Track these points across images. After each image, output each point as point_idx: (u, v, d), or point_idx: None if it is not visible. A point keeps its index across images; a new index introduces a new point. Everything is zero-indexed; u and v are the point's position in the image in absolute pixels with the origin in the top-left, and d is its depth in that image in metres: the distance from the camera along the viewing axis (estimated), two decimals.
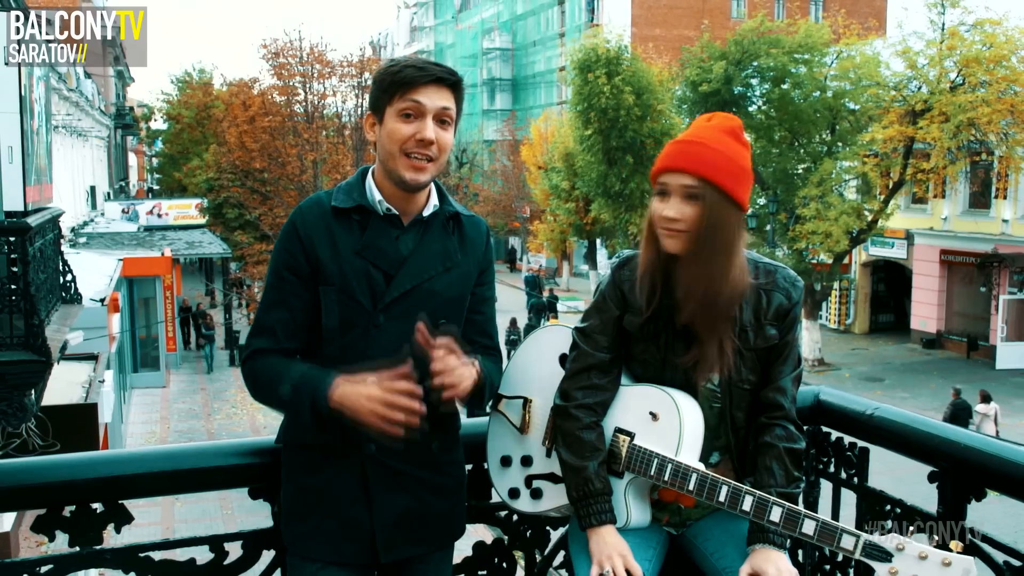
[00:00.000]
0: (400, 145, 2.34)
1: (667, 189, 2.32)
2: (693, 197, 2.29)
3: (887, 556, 2.05)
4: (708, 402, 2.43)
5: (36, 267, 9.68)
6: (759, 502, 2.19)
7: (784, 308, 2.42)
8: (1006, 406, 23.85)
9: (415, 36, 77.56)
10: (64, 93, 24.77)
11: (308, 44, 33.52)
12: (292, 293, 2.39)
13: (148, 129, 62.18)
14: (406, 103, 2.34)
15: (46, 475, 2.46)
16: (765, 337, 2.41)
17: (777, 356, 2.44)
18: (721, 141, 2.32)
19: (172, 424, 24.02)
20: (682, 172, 2.30)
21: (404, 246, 2.41)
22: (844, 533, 2.09)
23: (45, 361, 9.04)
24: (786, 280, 2.44)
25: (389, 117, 2.36)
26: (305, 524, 2.43)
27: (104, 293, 17.89)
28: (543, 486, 2.53)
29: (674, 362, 2.39)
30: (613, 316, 2.46)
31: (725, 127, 2.36)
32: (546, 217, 42.50)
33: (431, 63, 2.41)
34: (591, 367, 2.45)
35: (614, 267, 2.51)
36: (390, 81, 2.36)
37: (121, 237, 30.21)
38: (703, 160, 2.29)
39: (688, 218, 2.29)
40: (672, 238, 2.32)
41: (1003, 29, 24.77)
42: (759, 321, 2.40)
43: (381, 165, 2.42)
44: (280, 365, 2.37)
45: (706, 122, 2.39)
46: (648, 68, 33.02)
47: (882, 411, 2.77)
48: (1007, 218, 27.99)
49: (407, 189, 2.40)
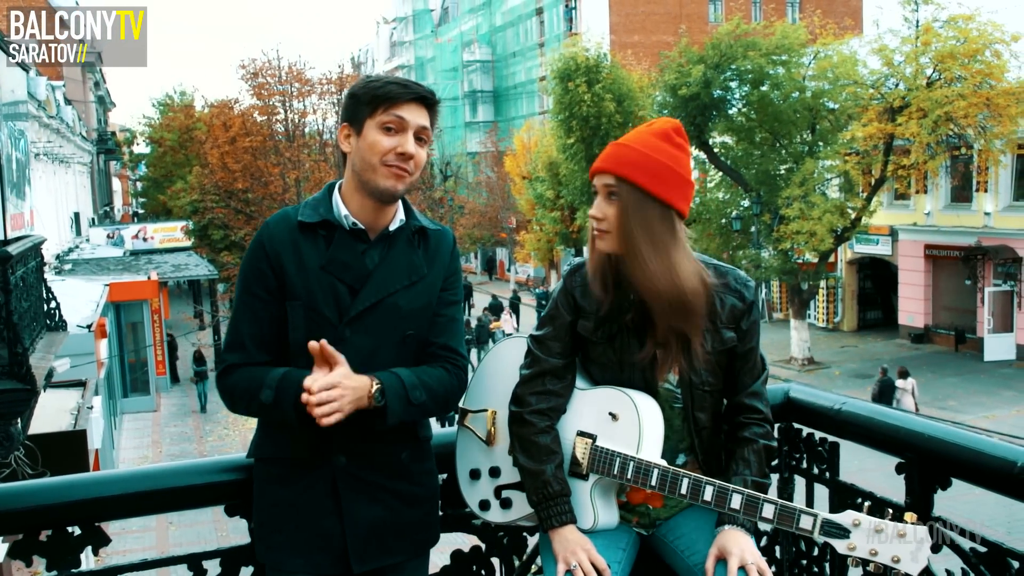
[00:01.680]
0: (381, 156, 2.38)
1: (595, 190, 2.41)
2: (613, 195, 2.37)
3: (844, 532, 2.09)
4: (668, 403, 2.46)
5: (19, 295, 9.67)
6: (719, 491, 2.25)
7: (739, 310, 2.46)
8: (995, 397, 23.99)
9: (395, 51, 77.60)
10: (44, 120, 24.74)
11: (287, 63, 33.55)
12: (262, 308, 2.42)
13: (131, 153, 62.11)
14: (389, 117, 2.38)
15: (21, 500, 2.47)
16: (722, 340, 2.45)
17: (744, 363, 2.49)
18: (646, 142, 2.38)
19: (164, 448, 23.94)
20: (603, 172, 2.38)
21: (370, 260, 2.44)
22: (802, 514, 2.15)
23: (30, 389, 9.02)
24: (738, 282, 2.48)
25: (370, 129, 2.39)
26: (278, 537, 2.45)
27: (91, 319, 17.86)
28: (512, 496, 2.56)
29: (631, 362, 2.43)
30: (566, 322, 2.51)
31: (656, 130, 2.42)
32: (532, 227, 42.54)
33: (412, 82, 2.45)
34: (545, 372, 2.49)
35: (565, 274, 2.56)
36: (373, 95, 2.39)
37: (107, 262, 30.15)
38: (621, 159, 2.36)
39: (610, 217, 2.36)
40: (600, 238, 2.39)
41: (976, 24, 24.94)
42: (715, 324, 2.44)
43: (355, 176, 2.44)
44: (256, 373, 2.40)
45: (646, 127, 2.45)
46: (628, 75, 33.16)
47: (849, 405, 2.81)
48: (989, 211, 28.13)
49: (383, 199, 2.42)
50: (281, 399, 2.33)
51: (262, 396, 2.35)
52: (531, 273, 50.49)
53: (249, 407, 2.43)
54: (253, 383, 2.38)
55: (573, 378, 2.53)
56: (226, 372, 2.45)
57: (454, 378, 2.54)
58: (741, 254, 28.63)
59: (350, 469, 2.41)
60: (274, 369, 2.39)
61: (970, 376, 26.41)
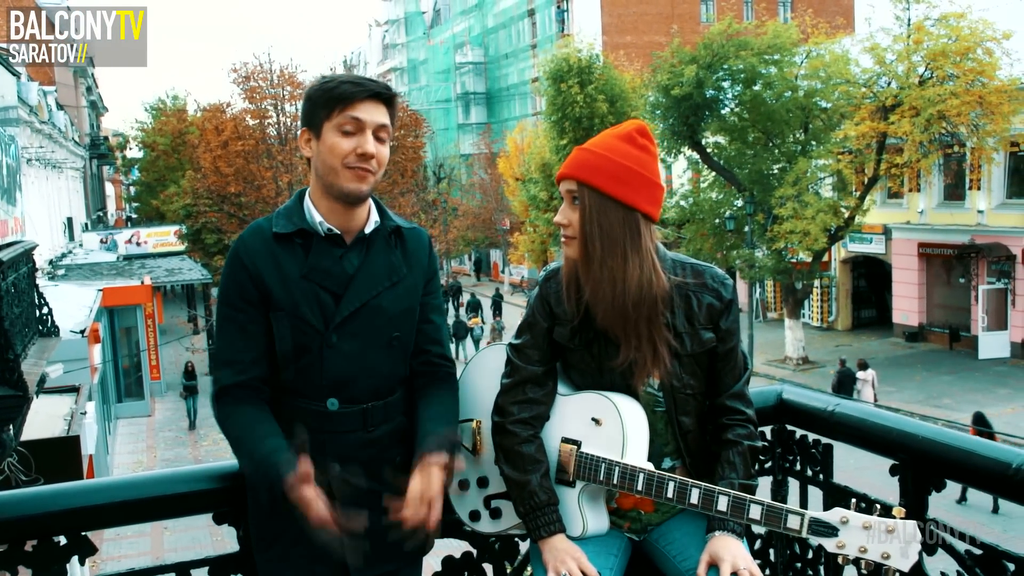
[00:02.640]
0: (341, 159, 2.35)
1: (562, 196, 2.41)
2: (576, 200, 2.36)
3: (833, 530, 2.07)
4: (651, 407, 2.44)
5: (10, 301, 9.64)
6: (706, 493, 2.23)
7: (717, 309, 2.43)
8: (989, 395, 24.01)
9: (388, 54, 77.57)
10: (36, 126, 24.68)
11: (278, 67, 33.52)
12: (247, 321, 2.40)
13: (124, 158, 62.03)
14: (345, 119, 2.35)
15: (5, 510, 2.44)
16: (701, 341, 2.42)
17: (724, 363, 2.46)
18: (608, 145, 2.36)
19: (159, 452, 23.90)
20: (566, 178, 2.38)
21: (349, 264, 2.42)
22: (789, 513, 2.13)
23: (22, 396, 8.99)
24: (715, 280, 2.45)
25: (328, 132, 2.37)
26: (274, 550, 2.43)
27: (84, 324, 17.81)
28: (502, 505, 2.54)
29: (610, 367, 2.41)
30: (543, 329, 2.49)
31: (618, 132, 2.40)
32: (526, 228, 42.54)
33: (366, 78, 2.42)
34: (526, 381, 2.47)
35: (540, 280, 2.54)
36: (327, 97, 2.36)
37: (100, 267, 30.10)
38: (580, 164, 2.36)
39: (574, 222, 2.36)
40: (567, 245, 2.39)
41: (967, 22, 24.98)
42: (693, 325, 2.41)
43: (319, 181, 2.42)
44: (247, 425, 2.35)
45: (610, 131, 2.43)
46: (620, 75, 33.18)
47: (842, 407, 2.79)
48: (982, 209, 28.17)
49: (349, 201, 2.40)
50: (256, 482, 2.33)
51: (242, 463, 2.36)
52: (525, 274, 50.48)
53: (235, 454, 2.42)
54: (242, 439, 2.35)
55: (554, 385, 2.50)
56: (222, 395, 2.41)
57: (456, 389, 2.58)
58: (735, 254, 28.65)
59: (344, 476, 2.39)
60: (260, 431, 2.33)
61: (964, 374, 26.45)
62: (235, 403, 2.39)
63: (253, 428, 2.35)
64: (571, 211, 2.37)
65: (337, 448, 2.39)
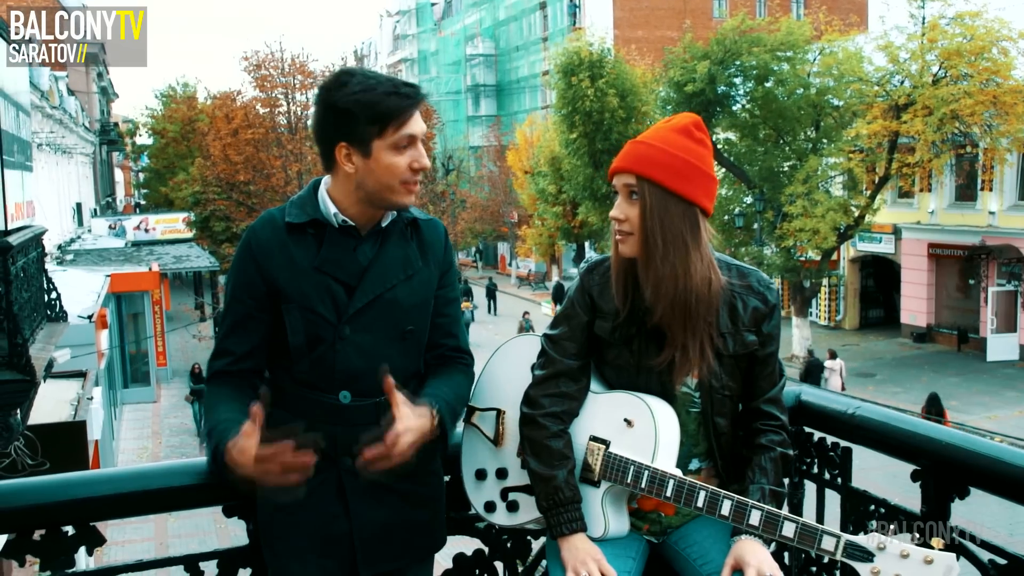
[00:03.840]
0: (400, 178, 2.30)
1: (616, 190, 2.34)
2: (634, 195, 2.30)
3: (868, 556, 2.02)
4: (685, 407, 2.40)
5: (19, 286, 9.61)
6: (738, 506, 2.17)
7: (762, 312, 2.40)
8: (997, 398, 23.92)
9: (398, 44, 77.48)
10: (47, 111, 24.69)
11: (290, 55, 33.47)
12: (249, 315, 2.37)
13: (133, 144, 62.11)
14: (400, 137, 2.28)
15: (15, 499, 2.41)
16: (744, 343, 2.38)
17: (763, 368, 2.42)
18: (666, 139, 2.31)
19: (164, 439, 23.91)
20: (624, 172, 2.31)
21: (363, 256, 2.37)
22: (824, 534, 2.07)
23: (30, 380, 8.97)
24: (760, 284, 2.42)
25: (381, 151, 2.28)
26: (284, 543, 2.40)
27: (92, 310, 17.81)
28: (519, 498, 2.49)
29: (648, 365, 2.36)
30: (582, 322, 2.44)
31: (676, 125, 2.35)
32: (534, 221, 42.51)
33: (404, 84, 2.33)
34: (559, 374, 2.42)
35: (582, 272, 2.49)
36: (374, 112, 2.26)
37: (108, 253, 30.11)
38: (641, 158, 2.30)
39: (632, 218, 2.30)
40: (623, 243, 2.33)
41: (983, 21, 24.81)
42: (736, 326, 2.37)
43: (361, 192, 2.34)
44: (217, 399, 2.37)
45: (664, 123, 2.38)
46: (631, 70, 33.07)
47: (863, 410, 2.74)
48: (993, 210, 28.04)
49: (400, 210, 2.40)
50: (208, 446, 2.29)
51: (201, 433, 2.33)
52: (532, 268, 50.45)
53: None
54: (208, 410, 2.37)
55: (588, 381, 2.45)
56: (211, 379, 2.44)
57: (471, 379, 2.54)
58: (744, 251, 28.56)
59: (355, 470, 2.36)
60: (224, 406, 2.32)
61: (972, 376, 26.35)
62: (216, 387, 2.40)
63: (218, 403, 2.34)
64: (628, 206, 2.31)
65: (349, 442, 2.34)
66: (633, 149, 2.32)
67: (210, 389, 2.42)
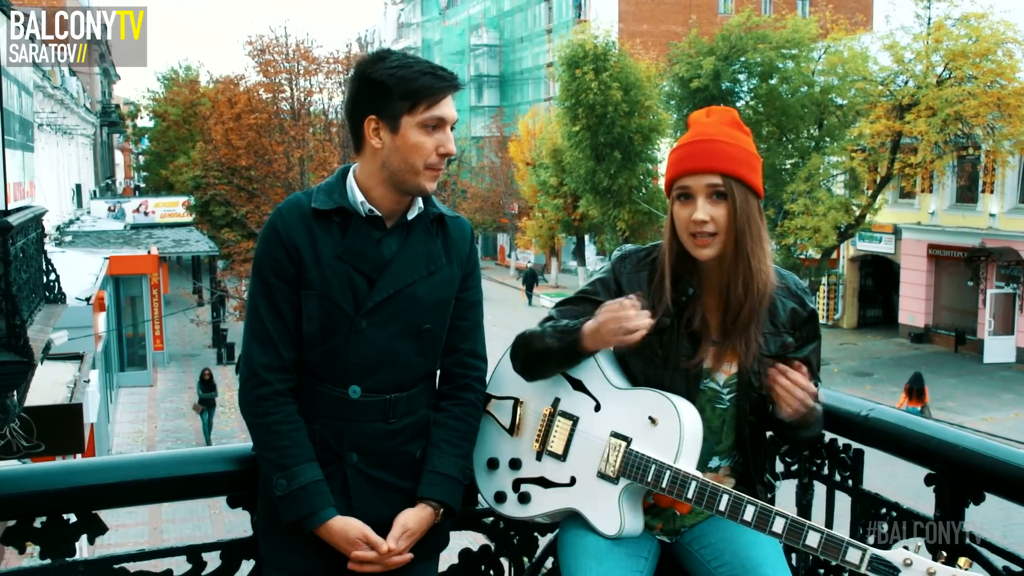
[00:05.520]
0: (425, 159, 2.26)
1: (690, 192, 2.28)
2: (721, 196, 2.26)
3: (894, 571, 1.98)
4: (711, 403, 2.37)
5: (18, 266, 9.56)
6: (761, 512, 2.13)
7: (800, 316, 2.40)
8: (993, 400, 23.91)
9: (402, 32, 77.30)
10: (48, 91, 24.59)
11: (294, 41, 33.33)
12: (283, 299, 2.31)
13: (134, 127, 61.82)
14: (430, 117, 2.25)
15: (17, 485, 2.38)
16: (784, 345, 2.37)
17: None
18: (730, 135, 2.29)
19: (159, 423, 23.88)
20: (705, 172, 2.26)
21: (387, 249, 2.33)
22: (850, 547, 2.03)
23: (27, 362, 8.92)
24: (798, 287, 2.43)
25: (409, 128, 2.26)
26: (283, 536, 2.35)
27: (90, 292, 17.78)
28: (532, 490, 2.44)
29: (676, 361, 2.34)
30: (601, 302, 2.38)
31: (727, 119, 2.33)
32: (534, 213, 42.44)
33: (443, 69, 2.30)
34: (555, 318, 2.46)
35: (615, 259, 2.47)
36: (408, 88, 2.24)
37: (107, 235, 30.02)
38: (723, 156, 2.26)
39: (719, 218, 2.25)
40: (705, 247, 2.27)
41: (988, 23, 24.78)
42: (776, 327, 2.36)
43: (385, 172, 2.30)
44: (285, 436, 2.28)
45: (706, 117, 2.36)
46: (635, 64, 32.99)
47: (877, 412, 2.70)
48: (994, 212, 28.02)
49: (417, 195, 2.35)
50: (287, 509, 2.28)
51: (276, 480, 2.27)
52: (532, 259, 50.39)
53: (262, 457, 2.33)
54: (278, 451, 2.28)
55: None
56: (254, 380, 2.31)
57: (480, 400, 2.51)
58: None
59: (361, 466, 2.32)
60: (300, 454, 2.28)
61: (969, 377, 26.35)
62: (273, 396, 2.30)
63: (290, 448, 2.28)
64: (712, 206, 2.26)
65: (356, 437, 2.32)
66: (709, 148, 2.27)
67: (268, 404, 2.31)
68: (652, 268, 2.39)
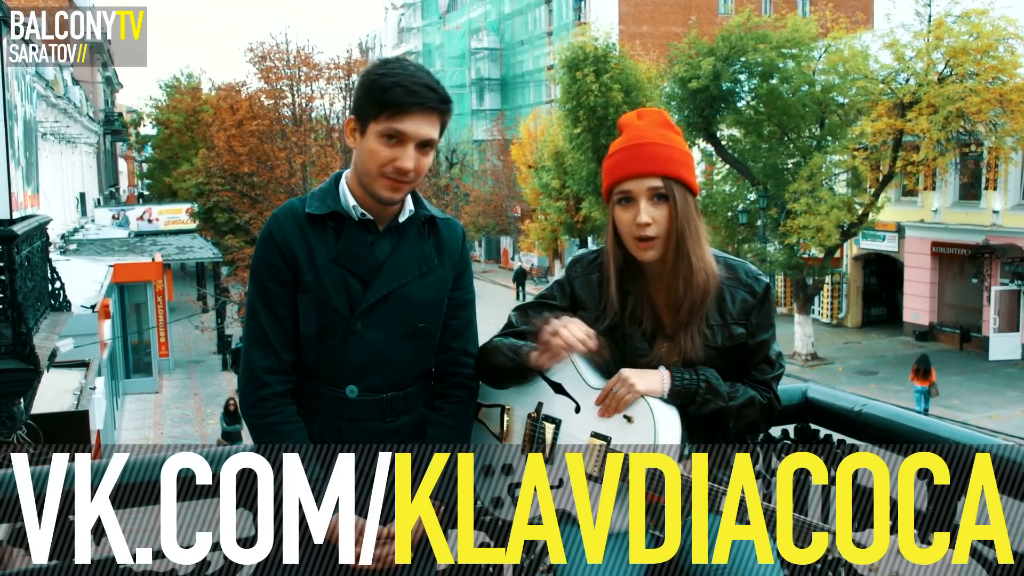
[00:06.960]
0: (379, 167, 2.29)
1: (632, 196, 2.32)
2: (661, 197, 2.30)
3: None
4: None
5: (23, 275, 9.62)
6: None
7: (749, 304, 2.42)
8: (999, 397, 23.89)
9: (403, 37, 77.41)
10: (52, 100, 24.66)
11: (295, 47, 33.41)
12: (280, 303, 2.36)
13: (137, 135, 62.06)
14: (389, 128, 2.27)
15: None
16: (732, 336, 2.41)
17: (754, 356, 2.45)
18: (665, 136, 2.34)
19: (165, 430, 23.94)
20: (645, 176, 2.30)
21: (380, 251, 2.38)
22: None
23: (34, 369, 8.99)
24: (748, 275, 2.44)
25: (371, 135, 2.29)
26: None
27: (95, 299, 17.83)
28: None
29: (633, 361, 2.39)
30: (558, 307, 2.49)
31: (660, 121, 2.38)
32: (537, 216, 42.47)
33: (424, 85, 2.29)
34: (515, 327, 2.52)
35: (568, 263, 2.54)
36: (377, 98, 2.27)
37: (112, 243, 30.10)
38: (661, 159, 2.31)
39: (660, 220, 2.30)
40: (647, 249, 2.33)
41: (989, 19, 24.76)
42: (724, 319, 2.40)
43: (357, 175, 2.38)
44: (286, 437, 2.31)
45: (638, 120, 2.40)
46: (636, 65, 33.03)
47: (870, 407, 2.74)
48: (997, 209, 27.99)
49: (382, 203, 2.37)
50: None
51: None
52: (535, 262, 50.41)
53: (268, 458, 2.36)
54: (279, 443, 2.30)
55: None
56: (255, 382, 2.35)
57: (472, 397, 2.55)
58: (747, 248, 28.53)
59: None
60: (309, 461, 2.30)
61: (974, 375, 26.33)
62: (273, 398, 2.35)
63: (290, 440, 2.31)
64: (654, 208, 2.31)
65: (353, 437, 2.35)
66: (646, 151, 2.32)
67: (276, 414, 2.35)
68: (600, 271, 2.45)
